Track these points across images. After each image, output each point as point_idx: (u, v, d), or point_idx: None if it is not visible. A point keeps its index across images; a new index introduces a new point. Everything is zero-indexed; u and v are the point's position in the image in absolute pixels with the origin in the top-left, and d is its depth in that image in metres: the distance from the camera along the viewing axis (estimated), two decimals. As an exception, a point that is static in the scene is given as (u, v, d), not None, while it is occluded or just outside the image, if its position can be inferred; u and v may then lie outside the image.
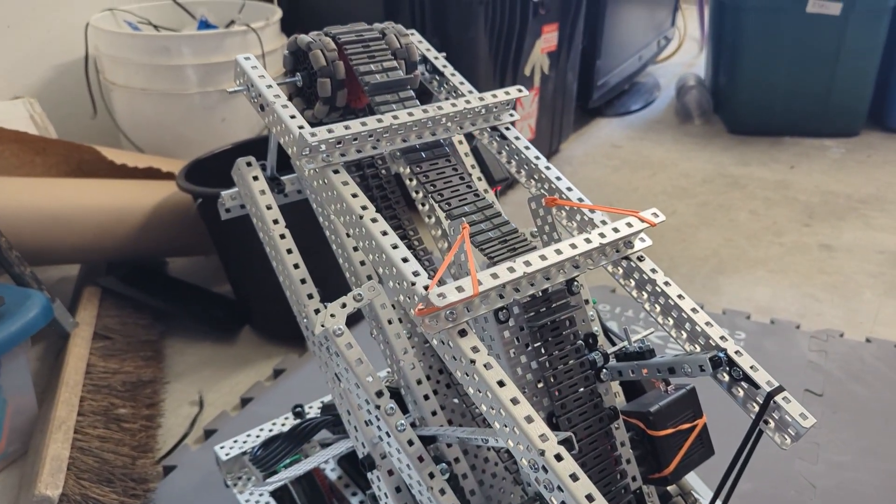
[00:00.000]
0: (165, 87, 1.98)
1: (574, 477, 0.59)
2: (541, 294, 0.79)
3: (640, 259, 0.83)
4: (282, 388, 1.55)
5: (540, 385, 0.79)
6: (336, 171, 0.81)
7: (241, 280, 1.74)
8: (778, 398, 0.73)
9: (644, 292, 0.83)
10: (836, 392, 1.49)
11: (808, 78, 3.10)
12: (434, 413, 0.91)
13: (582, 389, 0.79)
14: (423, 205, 1.12)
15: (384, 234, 0.75)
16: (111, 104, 2.02)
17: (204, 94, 2.00)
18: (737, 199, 2.60)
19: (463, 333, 0.69)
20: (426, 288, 0.67)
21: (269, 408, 1.46)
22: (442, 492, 0.79)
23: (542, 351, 0.78)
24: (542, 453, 0.60)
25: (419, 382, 0.91)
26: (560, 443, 0.62)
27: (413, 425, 0.88)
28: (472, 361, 0.66)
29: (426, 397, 0.91)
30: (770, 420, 0.74)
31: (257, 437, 1.15)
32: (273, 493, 1.11)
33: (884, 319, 1.80)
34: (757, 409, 0.75)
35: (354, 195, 0.78)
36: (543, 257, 0.73)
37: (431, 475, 0.79)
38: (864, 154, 2.98)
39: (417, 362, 0.93)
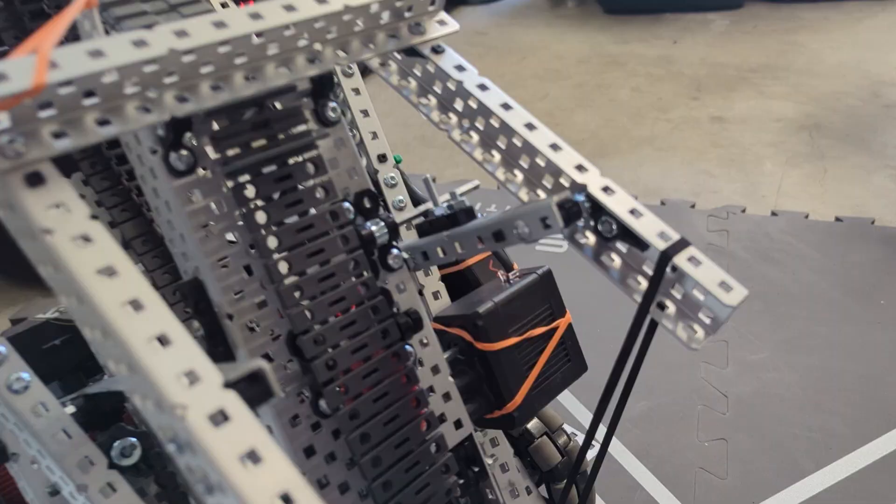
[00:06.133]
0: None
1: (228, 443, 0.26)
2: (253, 115, 0.43)
3: (438, 51, 0.49)
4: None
5: (268, 287, 0.44)
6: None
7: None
8: (679, 259, 0.41)
9: (451, 113, 0.49)
10: (742, 276, 1.24)
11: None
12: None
13: (345, 284, 0.45)
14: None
15: None
16: None
17: None
18: (616, 77, 2.34)
19: (36, 181, 0.33)
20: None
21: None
22: None
23: (264, 219, 0.43)
24: (179, 411, 0.26)
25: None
26: (232, 384, 0.29)
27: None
28: (48, 231, 0.31)
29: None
30: (668, 301, 0.42)
31: None
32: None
33: (788, 190, 1.58)
34: (644, 285, 0.43)
35: None
36: (221, 24, 0.38)
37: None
38: (749, 25, 2.78)
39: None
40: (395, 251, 0.51)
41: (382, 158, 0.65)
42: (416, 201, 0.69)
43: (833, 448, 0.91)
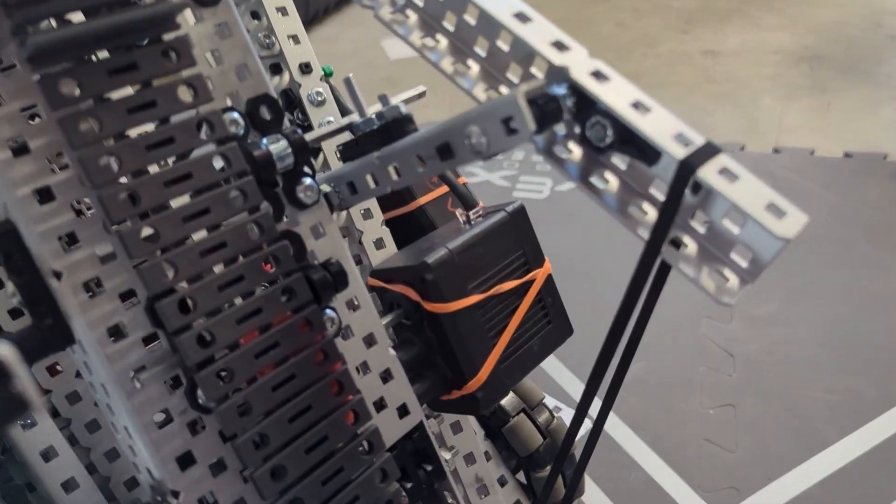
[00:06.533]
0: None
1: None
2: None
3: None
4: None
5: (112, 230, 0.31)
6: None
7: None
8: (707, 173, 0.27)
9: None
10: (744, 221, 1.13)
11: None
12: None
13: (226, 225, 0.31)
14: None
15: None
16: None
17: None
18: (599, 12, 2.19)
19: None
20: None
21: None
22: None
23: (97, 129, 0.29)
24: None
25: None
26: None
27: None
28: None
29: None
30: (686, 236, 0.28)
31: None
32: None
33: (790, 126, 1.45)
34: (653, 214, 0.29)
35: None
36: None
37: None
38: (740, -45, 2.61)
39: None
40: (307, 180, 0.37)
41: (306, 68, 0.51)
42: (343, 111, 0.55)
43: (857, 412, 0.79)
